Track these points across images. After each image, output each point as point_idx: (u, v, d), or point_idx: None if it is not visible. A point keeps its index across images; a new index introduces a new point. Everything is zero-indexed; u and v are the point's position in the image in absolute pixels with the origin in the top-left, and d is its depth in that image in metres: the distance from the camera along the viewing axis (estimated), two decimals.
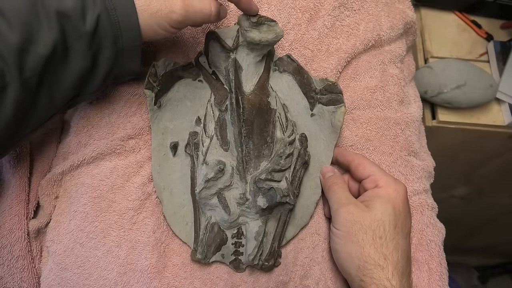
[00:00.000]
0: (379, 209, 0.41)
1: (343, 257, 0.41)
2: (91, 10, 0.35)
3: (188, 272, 0.44)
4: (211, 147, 0.44)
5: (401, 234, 0.41)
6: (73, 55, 0.36)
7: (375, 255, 0.39)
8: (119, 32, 0.37)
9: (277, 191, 0.42)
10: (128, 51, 0.38)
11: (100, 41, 0.37)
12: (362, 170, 0.45)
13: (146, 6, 0.37)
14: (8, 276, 0.44)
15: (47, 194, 0.46)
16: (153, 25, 0.38)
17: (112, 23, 0.36)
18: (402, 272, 0.39)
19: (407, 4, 0.59)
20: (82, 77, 0.38)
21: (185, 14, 0.38)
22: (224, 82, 0.46)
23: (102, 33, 0.36)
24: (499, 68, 0.84)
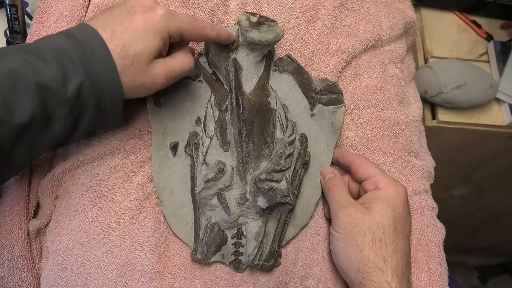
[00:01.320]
0: (378, 212, 0.41)
1: (343, 259, 0.41)
2: (73, 78, 0.35)
3: (188, 272, 0.44)
4: (211, 147, 0.44)
5: (401, 236, 0.41)
6: (54, 121, 0.35)
7: (375, 258, 0.39)
8: (102, 97, 0.37)
9: (277, 191, 0.42)
10: (110, 111, 0.39)
11: (82, 105, 0.36)
12: (362, 171, 0.45)
13: (130, 82, 0.37)
14: (8, 276, 0.44)
15: (47, 194, 0.46)
16: (133, 94, 0.39)
17: (94, 89, 0.36)
18: (402, 274, 0.39)
19: (407, 4, 0.59)
20: (62, 137, 0.37)
21: (167, 80, 0.39)
22: (224, 82, 0.46)
23: (84, 99, 0.36)
24: (499, 68, 0.84)
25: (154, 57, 0.38)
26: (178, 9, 0.49)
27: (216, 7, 0.50)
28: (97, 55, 0.36)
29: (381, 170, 0.45)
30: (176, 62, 0.40)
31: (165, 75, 0.39)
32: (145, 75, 0.38)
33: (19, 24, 0.52)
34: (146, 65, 0.37)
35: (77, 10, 0.47)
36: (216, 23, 0.51)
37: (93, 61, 0.36)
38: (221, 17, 0.51)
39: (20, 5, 0.51)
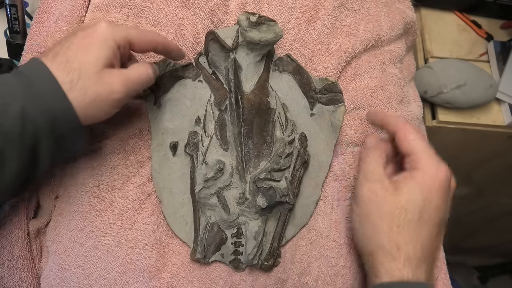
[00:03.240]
0: (405, 195, 0.38)
1: (359, 237, 0.40)
2: (13, 105, 0.32)
3: (188, 272, 0.44)
4: (210, 147, 0.44)
5: (426, 226, 0.38)
6: (6, 157, 0.33)
7: (388, 244, 0.37)
8: (53, 119, 0.34)
9: (276, 190, 0.42)
10: (69, 134, 0.36)
11: (34, 134, 0.34)
12: (406, 145, 0.41)
13: (82, 96, 0.35)
14: (8, 276, 0.44)
15: (47, 194, 0.46)
16: (93, 112, 0.36)
17: (41, 112, 0.33)
18: (417, 264, 0.37)
19: (407, 4, 0.59)
20: (24, 171, 0.35)
21: (125, 90, 0.37)
22: (224, 82, 0.46)
23: (33, 126, 0.33)
24: (499, 68, 0.84)
25: (104, 66, 0.36)
26: (178, 9, 0.49)
27: (216, 7, 0.51)
28: (38, 76, 0.34)
29: (427, 146, 0.41)
30: (131, 71, 0.38)
31: (121, 83, 0.36)
32: (98, 85, 0.35)
33: (19, 24, 0.52)
34: (96, 75, 0.35)
35: (77, 10, 0.47)
36: (216, 23, 0.51)
37: (33, 82, 0.34)
38: (221, 17, 0.51)
39: (20, 5, 0.51)
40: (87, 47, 0.36)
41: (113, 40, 0.37)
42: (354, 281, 0.45)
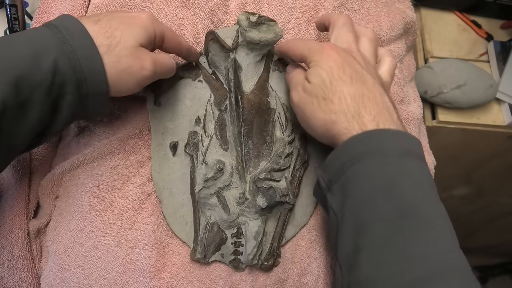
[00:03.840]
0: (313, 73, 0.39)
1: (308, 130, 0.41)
2: (46, 55, 0.33)
3: (188, 271, 0.44)
4: (210, 147, 0.44)
5: (342, 83, 0.38)
6: (30, 105, 0.33)
7: (324, 116, 0.38)
8: (83, 77, 0.35)
9: (276, 190, 0.42)
10: (94, 96, 0.36)
11: (60, 87, 0.34)
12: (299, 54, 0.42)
13: (116, 63, 0.36)
14: (8, 276, 0.44)
15: (47, 194, 0.46)
16: (120, 82, 0.37)
17: (73, 67, 0.34)
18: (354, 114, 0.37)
19: (407, 4, 0.59)
20: (43, 122, 0.35)
21: (154, 69, 0.38)
22: (224, 82, 0.46)
23: (62, 79, 0.34)
24: (499, 68, 0.84)
25: (141, 45, 0.38)
26: (178, 9, 0.49)
27: (216, 7, 0.51)
28: (73, 33, 0.34)
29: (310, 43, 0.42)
30: (161, 56, 0.40)
31: (151, 62, 0.38)
32: (132, 57, 0.37)
33: (19, 24, 0.52)
34: (133, 48, 0.37)
35: (77, 10, 0.47)
36: (216, 23, 0.51)
37: (68, 38, 0.34)
38: (221, 17, 0.51)
39: (20, 5, 0.51)
40: (130, 24, 0.38)
41: (153, 29, 0.39)
42: None
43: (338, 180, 0.37)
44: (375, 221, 0.33)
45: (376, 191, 0.34)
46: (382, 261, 0.32)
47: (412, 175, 0.35)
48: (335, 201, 0.37)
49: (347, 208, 0.35)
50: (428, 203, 0.34)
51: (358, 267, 0.33)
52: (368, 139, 0.36)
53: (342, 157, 0.36)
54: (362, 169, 0.35)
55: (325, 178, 0.38)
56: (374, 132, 0.36)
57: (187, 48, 0.44)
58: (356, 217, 0.34)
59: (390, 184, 0.34)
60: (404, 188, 0.34)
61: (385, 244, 0.32)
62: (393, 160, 0.35)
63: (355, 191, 0.35)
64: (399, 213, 0.33)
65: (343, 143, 0.37)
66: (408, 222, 0.32)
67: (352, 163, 0.35)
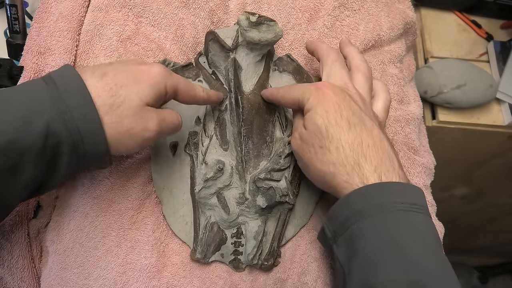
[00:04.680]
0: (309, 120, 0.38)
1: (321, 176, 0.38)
2: (38, 118, 0.31)
3: (187, 271, 0.44)
4: (210, 147, 0.44)
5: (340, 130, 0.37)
6: (21, 168, 0.31)
7: (323, 167, 0.37)
8: (79, 137, 0.33)
9: (276, 190, 0.42)
10: (92, 156, 0.34)
11: (54, 148, 0.32)
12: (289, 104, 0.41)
13: (117, 123, 0.34)
14: (8, 276, 0.44)
15: (47, 194, 0.46)
16: (120, 143, 0.35)
17: (68, 128, 0.32)
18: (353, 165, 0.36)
19: (407, 4, 0.60)
20: (36, 182, 0.34)
21: (159, 130, 0.36)
22: (224, 82, 0.46)
23: (56, 141, 0.32)
24: (499, 68, 0.84)
25: (147, 104, 0.35)
26: (178, 9, 0.49)
27: (216, 7, 0.51)
28: (71, 91, 0.33)
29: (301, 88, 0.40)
30: (167, 113, 0.38)
31: (157, 123, 0.36)
32: (136, 118, 0.34)
33: (19, 24, 0.52)
34: (137, 108, 0.34)
35: (77, 10, 0.47)
36: (216, 23, 0.51)
37: (65, 97, 0.32)
38: (221, 17, 0.51)
39: (20, 5, 0.51)
40: (138, 80, 0.35)
41: (164, 86, 0.37)
42: None
43: (343, 233, 0.36)
44: (382, 285, 0.32)
45: (382, 252, 0.33)
46: None
47: (418, 233, 0.34)
48: (341, 254, 0.36)
49: (354, 266, 0.34)
50: (435, 261, 0.33)
51: None
52: (371, 194, 0.35)
53: (345, 211, 0.35)
54: (367, 228, 0.34)
55: (330, 228, 0.37)
56: (377, 186, 0.35)
57: (204, 98, 0.41)
58: (363, 279, 0.33)
59: (396, 244, 0.33)
60: (410, 248, 0.33)
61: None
62: (398, 218, 0.34)
63: (362, 250, 0.34)
64: (406, 276, 0.32)
65: (345, 196, 0.36)
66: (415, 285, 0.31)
67: (356, 219, 0.34)
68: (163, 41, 0.49)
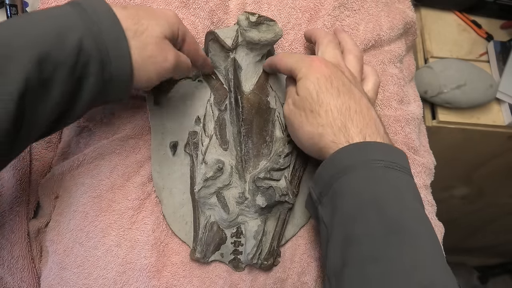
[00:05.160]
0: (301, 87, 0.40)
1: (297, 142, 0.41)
2: (71, 34, 0.32)
3: (187, 271, 0.44)
4: (210, 147, 0.44)
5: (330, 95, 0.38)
6: (53, 84, 0.32)
7: (312, 129, 0.38)
8: (108, 59, 0.34)
9: (276, 190, 0.42)
10: (117, 81, 0.35)
11: (84, 67, 0.33)
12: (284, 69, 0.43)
13: (141, 49, 0.35)
14: (8, 276, 0.44)
15: (47, 194, 0.46)
16: (145, 69, 0.36)
17: (98, 48, 0.33)
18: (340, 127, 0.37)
19: (407, 4, 0.60)
20: (63, 104, 0.34)
21: (176, 64, 0.38)
22: (224, 82, 0.46)
23: (86, 59, 0.33)
24: (499, 68, 0.84)
25: (166, 36, 0.37)
26: (178, 9, 0.49)
27: (216, 7, 0.51)
28: (100, 14, 0.34)
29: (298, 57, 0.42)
30: (182, 53, 0.40)
31: (174, 56, 0.38)
32: (157, 47, 0.36)
33: None
34: (158, 38, 0.36)
35: None
36: (216, 23, 0.51)
37: (95, 19, 0.33)
38: (221, 17, 0.51)
39: (20, 5, 0.51)
40: (157, 16, 0.37)
41: (177, 28, 0.39)
42: None
43: (327, 193, 0.37)
44: (362, 236, 0.33)
45: (362, 206, 0.34)
46: (364, 277, 0.31)
47: (398, 190, 0.35)
48: (325, 213, 0.37)
49: (336, 221, 0.35)
50: (413, 218, 0.34)
51: (343, 282, 0.33)
52: (355, 151, 0.36)
53: (330, 170, 0.37)
54: (348, 183, 0.35)
55: (316, 190, 0.38)
56: (361, 145, 0.36)
57: (204, 57, 0.44)
58: (344, 231, 0.34)
59: (376, 199, 0.34)
60: (390, 203, 0.34)
61: (369, 260, 0.32)
62: (379, 174, 0.35)
63: (343, 205, 0.35)
64: (385, 229, 0.32)
65: (330, 156, 0.37)
66: (394, 238, 0.32)
67: (339, 176, 0.35)
68: None
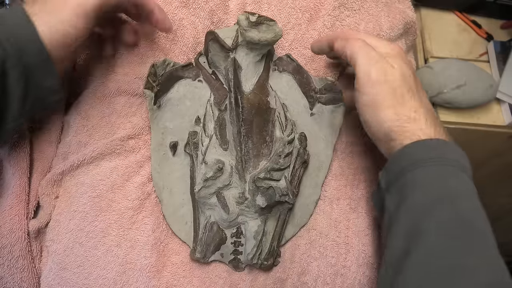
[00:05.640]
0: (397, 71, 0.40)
1: (374, 124, 0.40)
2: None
3: (187, 271, 0.44)
4: (210, 147, 0.44)
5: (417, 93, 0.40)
6: None
7: (405, 110, 0.38)
8: (20, 47, 0.34)
9: (276, 190, 0.42)
10: (37, 65, 0.36)
11: (1, 61, 0.34)
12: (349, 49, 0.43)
13: (47, 17, 0.35)
14: (8, 276, 0.44)
15: (47, 194, 0.46)
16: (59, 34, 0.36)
17: (7, 38, 0.34)
18: (435, 123, 0.39)
19: (407, 4, 0.59)
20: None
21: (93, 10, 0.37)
22: (224, 82, 0.46)
23: (1, 51, 0.34)
24: (499, 68, 0.84)
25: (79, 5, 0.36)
26: (178, 9, 0.49)
27: (216, 7, 0.51)
28: (9, 11, 0.35)
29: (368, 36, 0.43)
30: None
31: None
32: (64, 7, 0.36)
33: None
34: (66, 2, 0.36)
35: None
36: (216, 23, 0.51)
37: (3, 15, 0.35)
38: (221, 17, 0.51)
39: None
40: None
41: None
42: (354, 280, 0.45)
43: (396, 183, 0.37)
44: (432, 229, 0.33)
45: (435, 200, 0.34)
46: (430, 269, 0.32)
47: (469, 191, 0.36)
48: (391, 202, 0.37)
49: (402, 211, 0.36)
50: (482, 219, 0.35)
51: (405, 271, 0.33)
52: (431, 147, 0.37)
53: (403, 161, 0.37)
54: (421, 176, 0.36)
55: (385, 179, 0.39)
56: (437, 142, 0.37)
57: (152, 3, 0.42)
58: (410, 222, 0.35)
59: (450, 196, 0.34)
60: (463, 202, 0.35)
61: (438, 253, 0.32)
62: (453, 172, 0.36)
63: (413, 196, 0.35)
64: (457, 226, 0.33)
65: (403, 147, 0.37)
66: (465, 236, 0.33)
67: (411, 169, 0.36)
68: (163, 41, 0.49)
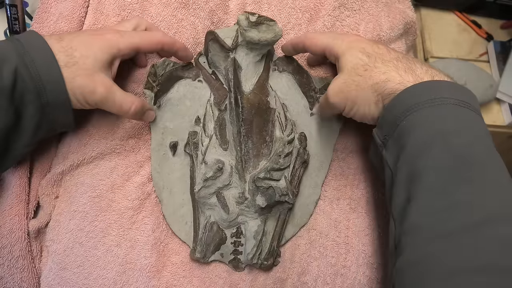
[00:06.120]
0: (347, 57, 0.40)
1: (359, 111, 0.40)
2: (7, 64, 0.35)
3: (187, 271, 0.44)
4: (210, 147, 0.44)
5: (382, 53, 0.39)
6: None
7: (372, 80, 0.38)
8: (41, 85, 0.36)
9: (276, 190, 0.42)
10: (55, 106, 0.38)
11: (21, 95, 0.36)
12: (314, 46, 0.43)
13: (71, 79, 0.37)
14: (8, 276, 0.44)
15: (47, 194, 0.46)
16: (77, 98, 0.38)
17: (31, 76, 0.36)
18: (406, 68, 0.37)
19: (407, 4, 0.59)
20: (7, 133, 0.37)
21: (105, 98, 0.39)
22: (224, 82, 0.46)
23: (22, 87, 0.36)
24: (499, 68, 0.84)
25: (100, 68, 0.39)
26: (177, 10, 0.49)
27: (216, 7, 0.51)
28: (34, 45, 0.36)
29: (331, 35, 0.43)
30: (120, 93, 0.40)
31: (104, 91, 0.39)
32: (86, 79, 0.38)
33: (19, 24, 0.52)
34: (90, 70, 0.38)
35: (77, 10, 0.47)
36: (216, 23, 0.51)
37: (28, 49, 0.36)
38: (221, 17, 0.51)
39: (20, 5, 0.51)
40: (91, 45, 0.39)
41: (117, 49, 0.40)
42: (353, 280, 0.45)
43: (393, 134, 0.36)
44: (429, 169, 0.32)
45: (432, 139, 0.33)
46: (430, 208, 0.31)
47: (467, 124, 0.34)
48: (390, 156, 0.37)
49: (401, 161, 0.35)
50: (482, 151, 0.33)
51: (408, 216, 0.32)
52: (424, 89, 0.35)
53: (397, 110, 0.36)
54: (415, 120, 0.35)
55: (380, 134, 0.38)
56: (429, 84, 0.36)
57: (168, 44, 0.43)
58: (410, 167, 0.34)
59: (443, 133, 0.33)
60: (458, 137, 0.33)
61: (436, 192, 0.31)
62: (448, 110, 0.34)
63: (409, 143, 0.34)
64: (452, 162, 0.32)
65: (397, 95, 0.36)
66: (461, 171, 0.31)
67: (405, 115, 0.35)
68: None
